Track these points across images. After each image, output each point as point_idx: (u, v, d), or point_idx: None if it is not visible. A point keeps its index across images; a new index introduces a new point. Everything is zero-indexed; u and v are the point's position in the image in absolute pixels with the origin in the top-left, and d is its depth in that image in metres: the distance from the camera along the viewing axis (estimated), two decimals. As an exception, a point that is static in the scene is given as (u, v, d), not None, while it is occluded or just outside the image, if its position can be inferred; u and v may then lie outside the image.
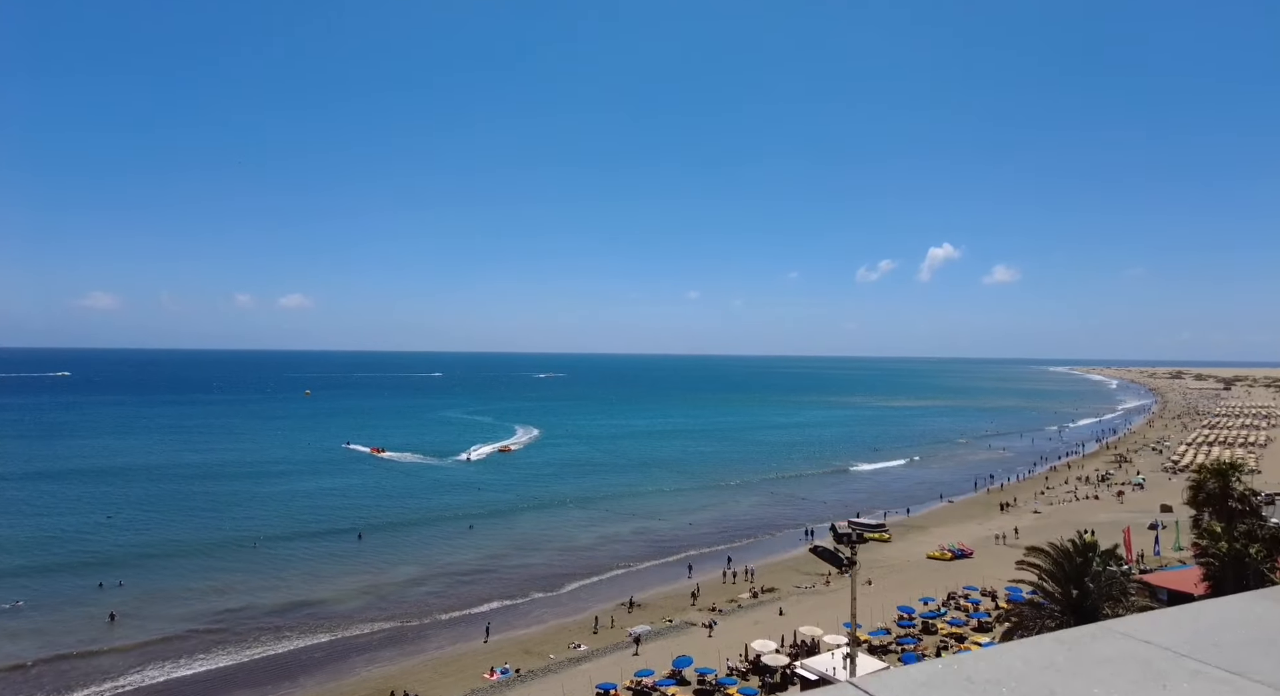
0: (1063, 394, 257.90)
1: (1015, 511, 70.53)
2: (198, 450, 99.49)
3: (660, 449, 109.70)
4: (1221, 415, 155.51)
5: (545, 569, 50.64)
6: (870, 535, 14.28)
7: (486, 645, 38.36)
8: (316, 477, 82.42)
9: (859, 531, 13.15)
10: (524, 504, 70.72)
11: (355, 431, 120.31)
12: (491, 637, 39.22)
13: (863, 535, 12.84)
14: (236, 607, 42.68)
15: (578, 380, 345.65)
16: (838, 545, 9.19)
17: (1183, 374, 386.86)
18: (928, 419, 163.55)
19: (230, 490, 73.68)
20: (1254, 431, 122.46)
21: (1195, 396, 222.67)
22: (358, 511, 65.83)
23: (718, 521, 66.62)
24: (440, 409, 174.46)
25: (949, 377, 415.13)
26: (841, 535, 11.14)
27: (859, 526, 13.65)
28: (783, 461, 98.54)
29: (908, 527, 64.88)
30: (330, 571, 48.95)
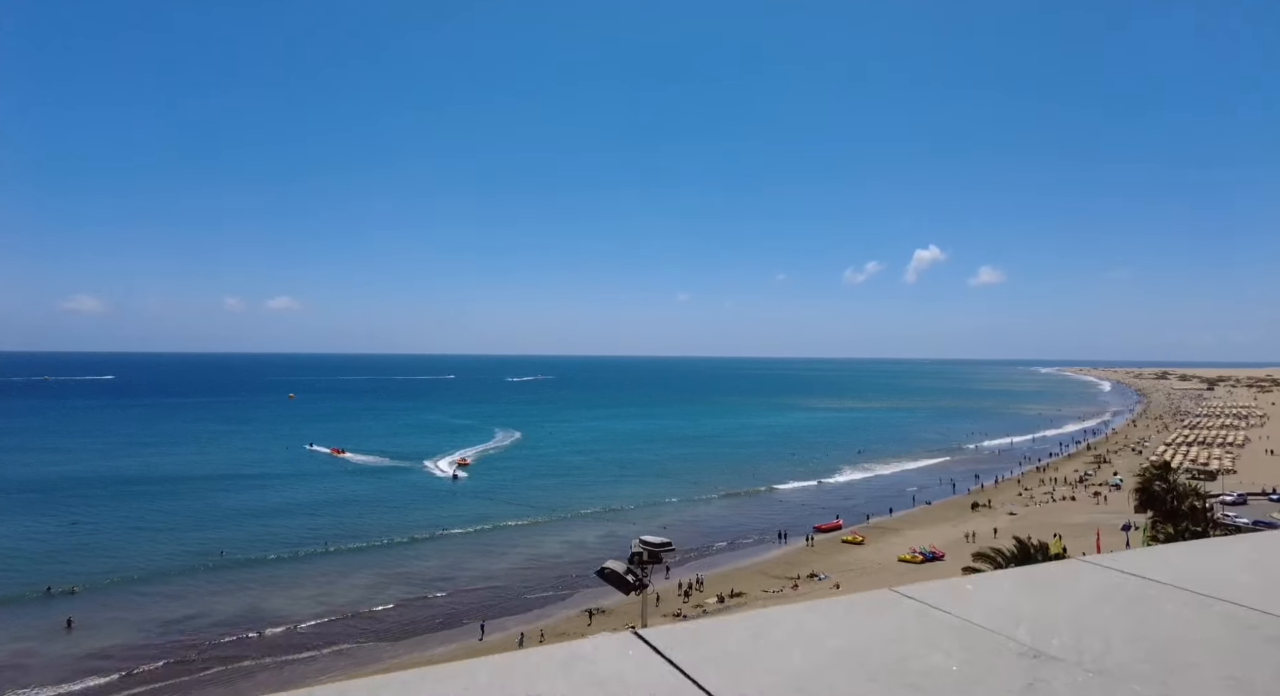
0: (1048, 395, 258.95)
1: (991, 513, 70.23)
2: (168, 454, 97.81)
3: (641, 452, 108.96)
4: (1203, 415, 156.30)
5: (508, 576, 49.78)
6: (665, 553, 13.24)
7: (441, 653, 37.52)
8: (278, 480, 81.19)
9: (649, 550, 12.47)
10: (493, 508, 69.54)
11: (330, 434, 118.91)
12: (447, 647, 38.38)
13: (657, 554, 11.98)
14: (190, 614, 41.76)
15: (564, 382, 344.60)
16: (631, 566, 8.56)
17: (1168, 374, 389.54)
18: (912, 420, 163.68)
19: (195, 493, 72.26)
20: (1233, 431, 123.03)
21: (1179, 397, 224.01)
22: (316, 516, 64.66)
23: (691, 525, 65.92)
24: (422, 411, 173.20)
25: (936, 379, 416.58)
26: (634, 554, 10.49)
27: (649, 546, 12.95)
28: (763, 464, 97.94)
29: (883, 530, 64.55)
30: (287, 579, 47.92)
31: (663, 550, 7.45)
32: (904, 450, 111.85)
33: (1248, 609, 2.29)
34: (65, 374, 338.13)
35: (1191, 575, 2.61)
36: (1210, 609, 2.31)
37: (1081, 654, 1.92)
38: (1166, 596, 2.43)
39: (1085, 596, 2.44)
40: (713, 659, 1.83)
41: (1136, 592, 2.46)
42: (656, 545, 7.31)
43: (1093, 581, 2.59)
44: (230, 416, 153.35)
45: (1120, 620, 2.20)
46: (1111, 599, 2.40)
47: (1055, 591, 2.51)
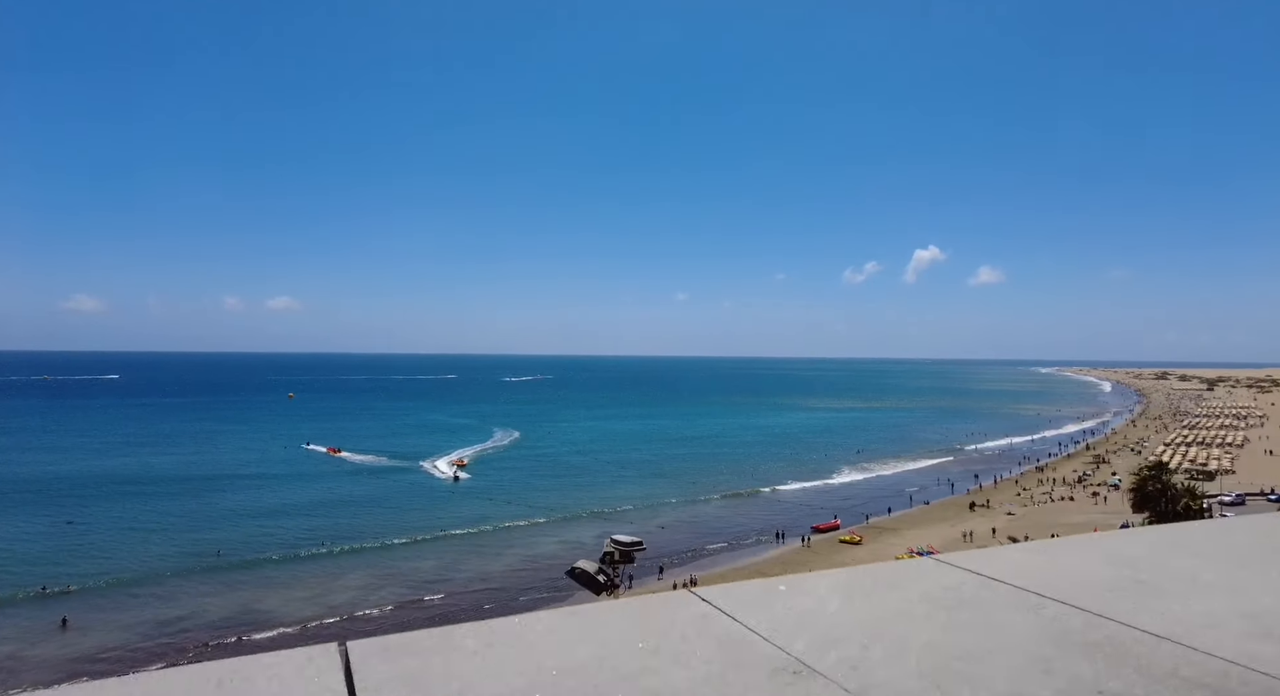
0: (1047, 395, 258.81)
1: (989, 513, 70.14)
2: (165, 454, 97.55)
3: (639, 451, 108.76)
4: (1202, 415, 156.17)
5: (504, 576, 49.62)
6: (636, 552, 13.10)
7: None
8: (275, 480, 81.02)
9: (620, 550, 12.43)
10: (490, 509, 69.34)
11: (328, 433, 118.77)
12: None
13: (629, 554, 11.98)
14: (185, 615, 41.68)
15: (563, 382, 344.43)
16: (602, 565, 8.37)
17: (1168, 374, 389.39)
18: (911, 420, 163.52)
19: (191, 493, 72.05)
20: (1232, 431, 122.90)
21: (1179, 397, 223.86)
22: (312, 516, 64.47)
23: (689, 525, 65.81)
24: (421, 411, 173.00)
25: (935, 379, 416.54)
26: (605, 554, 10.31)
27: (620, 545, 12.96)
28: (761, 464, 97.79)
29: (880, 530, 64.46)
30: (283, 579, 47.78)
31: (634, 549, 7.26)
32: (903, 450, 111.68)
33: (1079, 610, 2.14)
34: (68, 373, 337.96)
35: (1042, 574, 2.44)
36: (1040, 612, 2.14)
37: (854, 668, 1.74)
38: (1001, 598, 2.25)
39: (910, 600, 2.22)
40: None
41: (971, 594, 2.28)
42: (627, 544, 7.12)
43: (931, 582, 2.38)
44: (229, 416, 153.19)
45: (926, 627, 2.01)
46: (940, 601, 2.20)
47: (879, 595, 2.27)
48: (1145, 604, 2.20)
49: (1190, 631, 1.99)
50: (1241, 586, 2.40)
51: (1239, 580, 2.48)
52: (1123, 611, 2.14)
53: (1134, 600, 2.23)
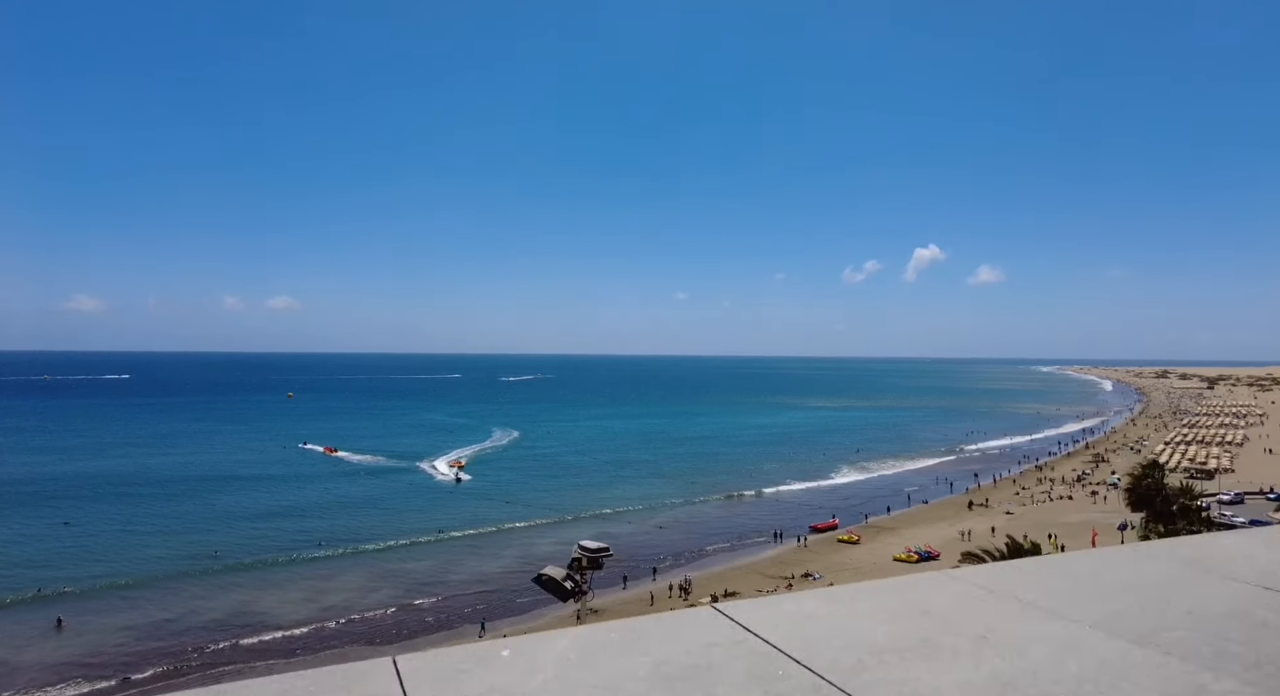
0: (1048, 394, 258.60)
1: (988, 512, 69.97)
2: (162, 454, 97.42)
3: (638, 451, 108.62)
4: (1202, 414, 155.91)
5: (501, 577, 49.44)
6: (604, 558, 12.77)
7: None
8: (272, 480, 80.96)
9: (588, 556, 12.10)
10: (487, 509, 69.22)
11: (326, 432, 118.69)
12: (432, 652, 38.06)
13: (597, 560, 11.58)
14: (181, 616, 41.59)
15: (563, 382, 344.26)
16: (570, 571, 8.16)
17: (1168, 373, 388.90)
18: (911, 420, 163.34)
19: (188, 493, 71.95)
20: (1231, 430, 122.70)
21: (1179, 395, 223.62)
22: (310, 517, 64.34)
23: (687, 524, 65.73)
24: (420, 411, 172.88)
25: (935, 378, 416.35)
26: (573, 560, 10.04)
27: (587, 552, 12.63)
28: (760, 464, 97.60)
29: (879, 530, 64.33)
30: (279, 581, 47.65)
31: (601, 555, 7.07)
32: (902, 449, 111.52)
33: (824, 682, 1.84)
34: (69, 373, 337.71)
35: (820, 630, 2.12)
36: (773, 686, 1.83)
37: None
38: (744, 664, 1.94)
39: (645, 662, 1.94)
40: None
41: (715, 658, 1.97)
42: (595, 551, 6.93)
43: (690, 639, 2.10)
44: (228, 415, 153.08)
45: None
46: (674, 665, 1.91)
47: (620, 658, 1.96)
48: (906, 671, 1.91)
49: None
50: (1025, 647, 2.07)
51: (1031, 636, 2.16)
52: (868, 683, 1.86)
53: (897, 666, 1.94)
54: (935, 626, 2.17)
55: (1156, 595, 2.52)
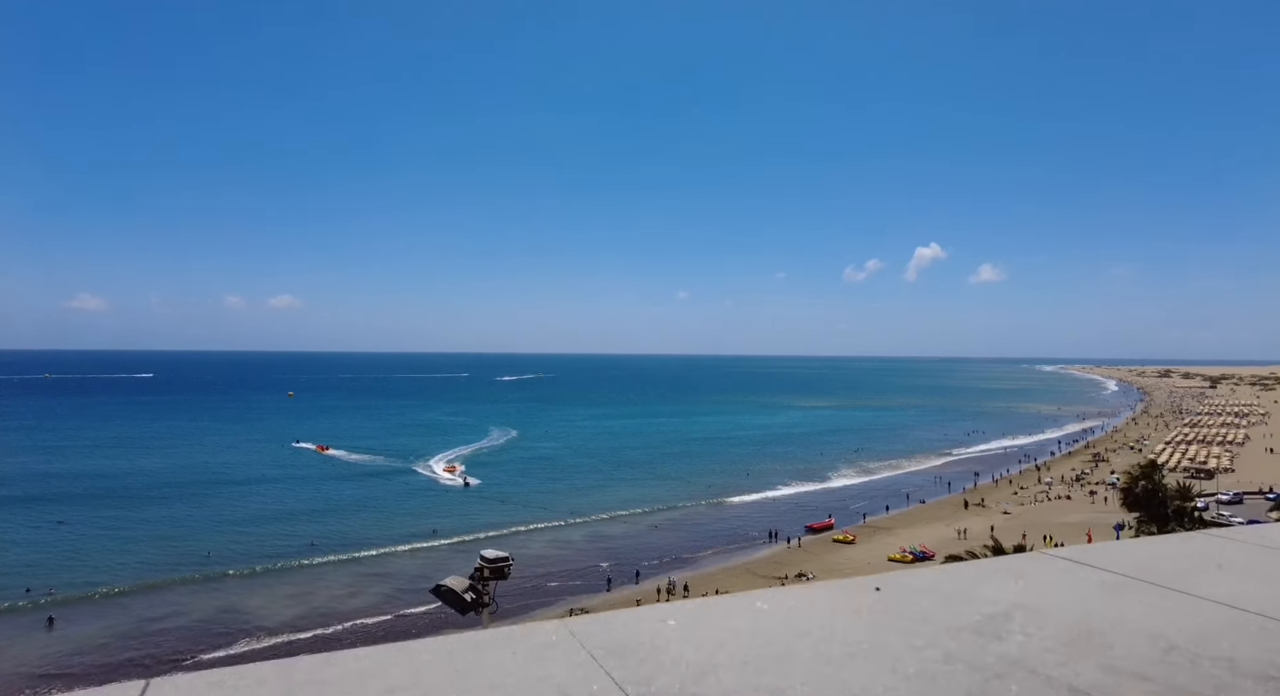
0: (1050, 393, 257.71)
1: (986, 512, 69.58)
2: (160, 453, 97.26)
3: (636, 451, 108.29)
4: (1204, 413, 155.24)
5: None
6: (508, 568, 11.66)
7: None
8: (265, 479, 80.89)
9: (489, 567, 11.16)
10: (479, 509, 68.94)
11: (325, 431, 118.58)
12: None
13: (501, 570, 10.70)
14: (169, 614, 41.56)
15: (563, 381, 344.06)
16: (473, 582, 7.83)
17: (1171, 372, 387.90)
18: (911, 419, 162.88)
19: (182, 492, 71.76)
20: (1233, 430, 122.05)
21: (1181, 395, 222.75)
22: (303, 518, 64.02)
23: (683, 525, 65.47)
24: (421, 410, 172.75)
25: (936, 377, 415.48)
26: (476, 569, 9.59)
27: (487, 562, 11.65)
28: (758, 463, 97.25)
29: (875, 529, 63.98)
30: (269, 581, 47.42)
31: (502, 565, 6.83)
32: (902, 449, 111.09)
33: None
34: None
35: (646, 648, 1.95)
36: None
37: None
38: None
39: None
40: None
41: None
42: (493, 560, 6.69)
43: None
44: (228, 414, 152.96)
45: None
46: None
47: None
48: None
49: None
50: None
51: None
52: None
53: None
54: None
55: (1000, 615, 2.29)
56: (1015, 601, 2.37)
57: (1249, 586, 2.50)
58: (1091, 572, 2.72)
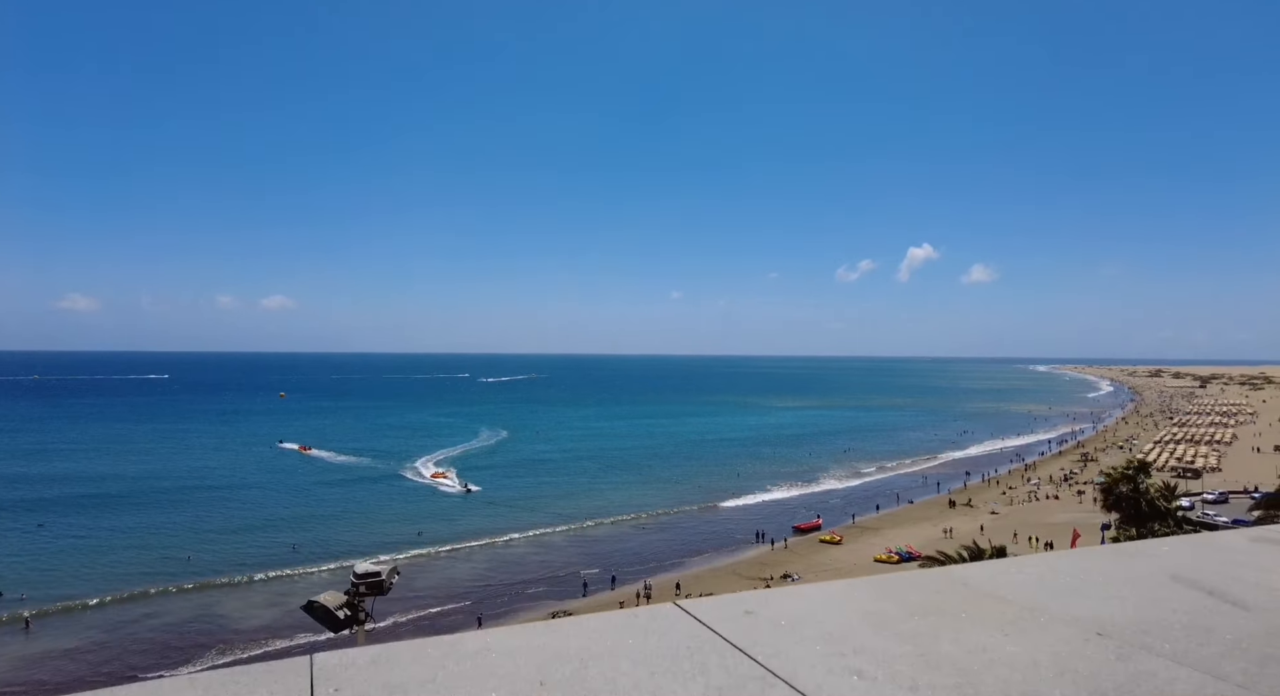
0: (1042, 393, 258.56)
1: (974, 512, 69.55)
2: (146, 454, 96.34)
3: (625, 452, 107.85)
4: (1193, 413, 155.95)
5: (472, 580, 48.69)
6: (390, 581, 10.82)
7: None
8: (248, 481, 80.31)
9: (364, 583, 10.34)
10: (462, 512, 68.47)
11: (311, 432, 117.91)
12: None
13: (380, 584, 9.92)
14: (147, 615, 41.18)
15: (555, 381, 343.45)
16: (349, 598, 7.51)
17: (1162, 372, 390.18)
18: (902, 419, 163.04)
19: (165, 494, 71.04)
20: (1221, 429, 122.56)
21: (1171, 394, 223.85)
22: (286, 519, 63.54)
23: (671, 526, 65.18)
24: (411, 411, 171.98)
25: (928, 377, 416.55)
26: (352, 584, 9.05)
27: (360, 578, 10.74)
28: (747, 464, 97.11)
29: (862, 529, 63.85)
30: (250, 585, 46.93)
31: (377, 579, 6.53)
32: (893, 449, 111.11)
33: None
34: (64, 372, 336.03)
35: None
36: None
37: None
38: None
39: None
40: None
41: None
42: (363, 576, 6.39)
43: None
44: (217, 415, 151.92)
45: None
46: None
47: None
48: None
49: None
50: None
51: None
52: None
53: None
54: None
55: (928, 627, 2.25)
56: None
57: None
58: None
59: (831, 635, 2.11)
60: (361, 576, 6.64)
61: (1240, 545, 3.03)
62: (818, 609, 2.34)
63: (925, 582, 2.63)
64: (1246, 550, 2.97)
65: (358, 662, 1.82)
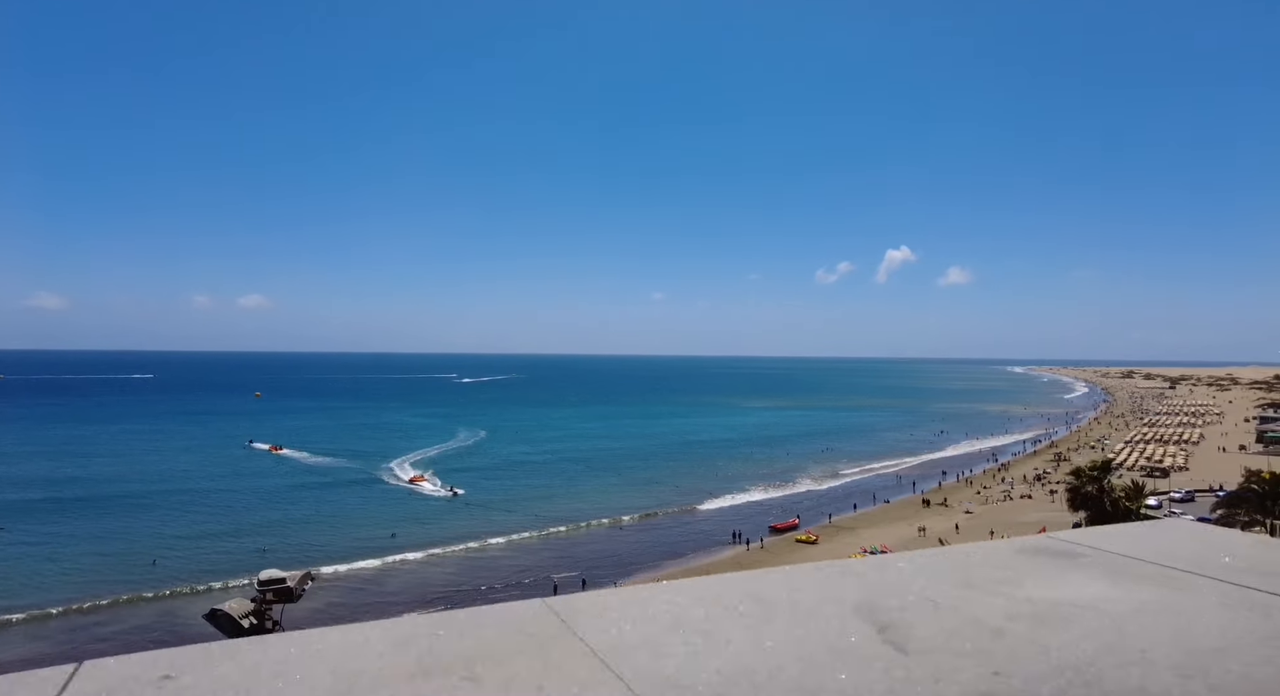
0: (1017, 394, 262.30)
1: (948, 512, 70.27)
2: (108, 455, 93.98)
3: (603, 453, 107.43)
4: (1163, 413, 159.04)
5: (440, 585, 47.97)
6: (301, 588, 10.10)
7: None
8: (213, 479, 79.46)
9: (271, 590, 9.54)
10: (434, 514, 67.75)
11: (283, 432, 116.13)
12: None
13: (292, 590, 9.14)
14: (105, 622, 40.14)
15: (537, 381, 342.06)
16: (256, 605, 7.16)
17: (1134, 373, 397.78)
18: (879, 420, 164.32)
19: (130, 497, 69.33)
20: (1189, 429, 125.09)
21: (1142, 395, 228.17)
22: (250, 521, 62.65)
23: (648, 528, 65.10)
24: (388, 411, 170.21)
25: (907, 378, 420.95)
26: (259, 592, 8.49)
27: (264, 585, 10.08)
28: (726, 464, 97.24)
29: (838, 529, 64.18)
30: (202, 589, 45.90)
31: (281, 586, 6.21)
32: (870, 449, 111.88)
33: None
34: (19, 372, 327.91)
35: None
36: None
37: None
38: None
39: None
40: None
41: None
42: (269, 582, 6.09)
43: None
44: (190, 416, 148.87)
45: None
46: None
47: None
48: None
49: None
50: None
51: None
52: None
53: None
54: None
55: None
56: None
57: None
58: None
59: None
60: (266, 583, 6.30)
61: (999, 558, 2.71)
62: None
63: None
64: (995, 563, 2.64)
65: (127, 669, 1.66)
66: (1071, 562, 2.64)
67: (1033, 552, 2.73)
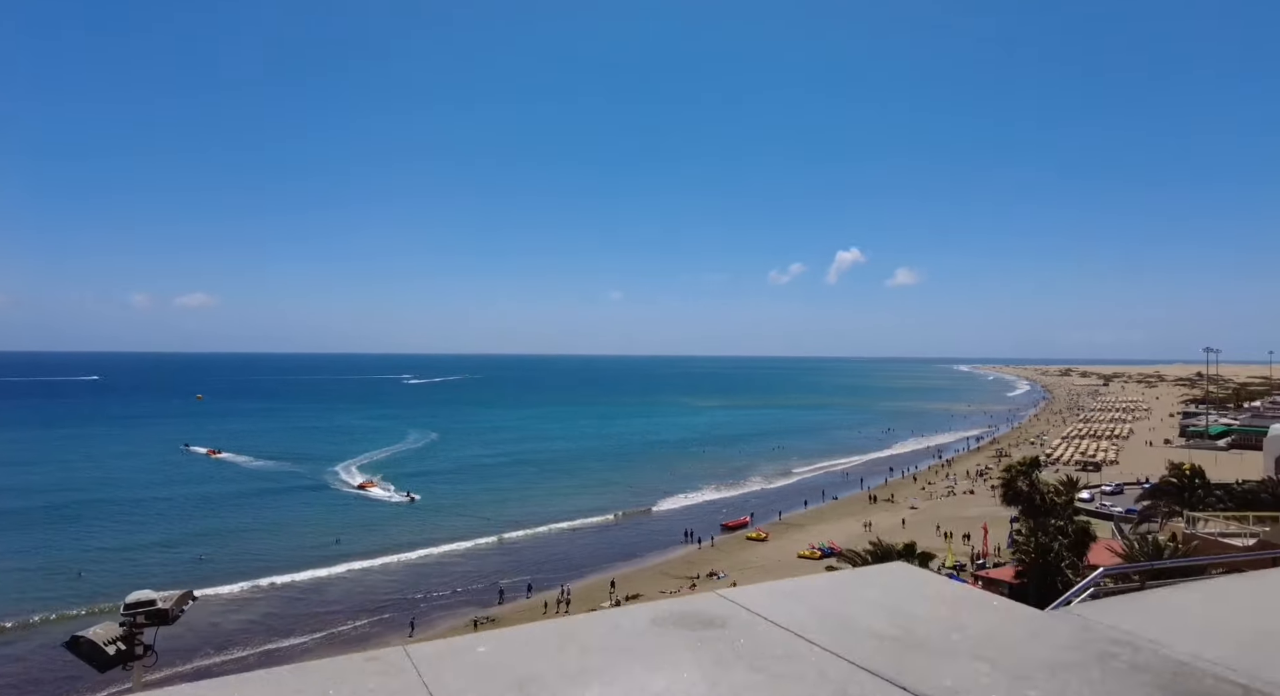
0: (962, 392, 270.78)
1: (894, 508, 72.01)
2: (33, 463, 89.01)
3: (558, 453, 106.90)
4: (1097, 410, 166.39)
5: (385, 594, 46.90)
6: (178, 610, 9.22)
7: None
8: (150, 485, 76.64)
9: (143, 613, 8.63)
10: (391, 517, 66.40)
11: (223, 435, 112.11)
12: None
13: (165, 613, 8.02)
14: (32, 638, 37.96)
15: (491, 381, 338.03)
16: (124, 629, 6.77)
17: (1071, 371, 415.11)
18: (829, 418, 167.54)
19: (58, 508, 65.95)
20: (1120, 424, 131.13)
21: (1079, 392, 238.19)
22: (184, 530, 60.34)
23: (600, 528, 65.01)
24: (336, 412, 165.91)
25: (856, 377, 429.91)
26: (127, 614, 7.72)
27: (132, 608, 9.01)
28: (678, 462, 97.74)
29: (788, 526, 65.13)
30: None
31: (153, 608, 5.82)
32: (820, 447, 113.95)
33: None
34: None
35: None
36: None
37: None
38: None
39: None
40: None
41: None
42: (137, 604, 5.68)
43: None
44: (125, 419, 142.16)
45: None
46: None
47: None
48: None
49: None
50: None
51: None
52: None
53: None
54: None
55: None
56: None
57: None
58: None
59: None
60: (134, 605, 5.82)
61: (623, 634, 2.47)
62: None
63: None
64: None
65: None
66: (694, 638, 2.33)
67: (668, 623, 2.46)
